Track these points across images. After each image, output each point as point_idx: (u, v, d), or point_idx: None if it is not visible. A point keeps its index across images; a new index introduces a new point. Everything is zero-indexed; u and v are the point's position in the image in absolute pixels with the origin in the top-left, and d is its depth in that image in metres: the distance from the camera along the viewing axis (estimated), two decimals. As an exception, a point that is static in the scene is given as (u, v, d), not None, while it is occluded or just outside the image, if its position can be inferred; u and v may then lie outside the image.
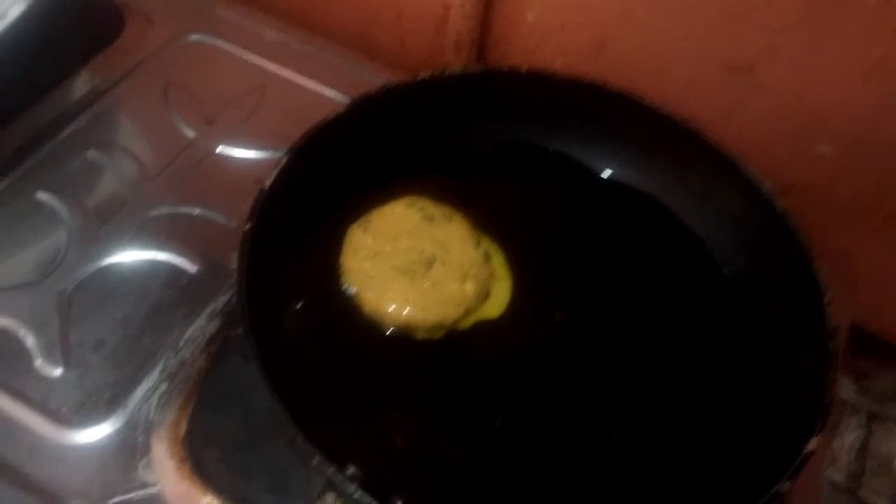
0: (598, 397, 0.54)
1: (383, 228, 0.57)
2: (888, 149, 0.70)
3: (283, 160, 0.54)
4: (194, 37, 0.78)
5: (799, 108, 0.71)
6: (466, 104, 0.62)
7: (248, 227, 0.50)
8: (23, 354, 0.56)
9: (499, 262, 0.58)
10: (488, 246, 0.58)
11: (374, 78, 0.78)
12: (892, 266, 0.78)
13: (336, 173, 0.58)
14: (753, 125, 0.73)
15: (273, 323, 0.51)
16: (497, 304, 0.56)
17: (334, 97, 0.76)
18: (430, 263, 0.55)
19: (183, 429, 0.54)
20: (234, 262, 0.62)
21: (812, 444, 0.46)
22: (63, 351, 0.57)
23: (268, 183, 0.53)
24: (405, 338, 0.54)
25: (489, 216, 0.60)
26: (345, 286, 0.55)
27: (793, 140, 0.73)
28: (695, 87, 0.71)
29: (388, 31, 0.87)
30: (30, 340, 0.57)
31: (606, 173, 0.64)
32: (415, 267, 0.55)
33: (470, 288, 0.55)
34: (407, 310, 0.53)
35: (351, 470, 0.43)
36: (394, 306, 0.53)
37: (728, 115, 0.72)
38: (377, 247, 0.56)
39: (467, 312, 0.55)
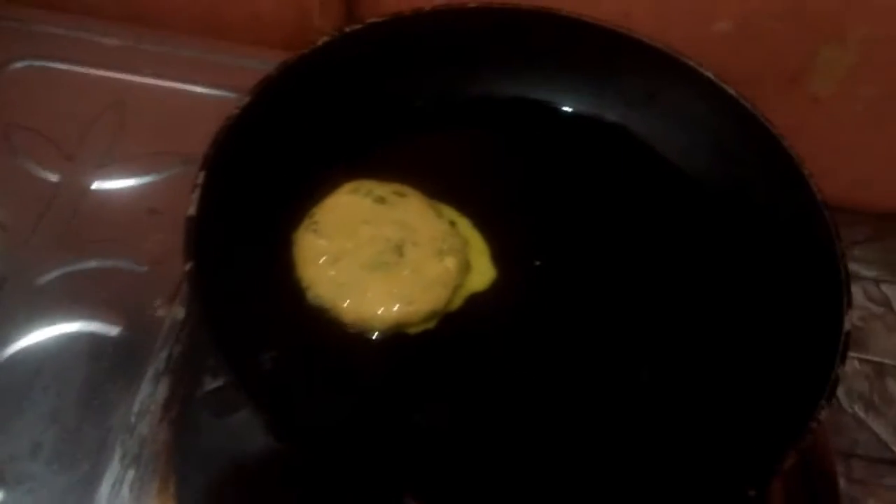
0: (617, 340, 0.50)
1: (335, 224, 0.49)
2: (784, 14, 0.69)
3: (201, 178, 0.45)
4: (19, 64, 0.65)
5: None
6: (379, 63, 0.55)
7: (188, 266, 0.42)
8: (-56, 493, 0.45)
9: (466, 228, 0.52)
10: (450, 213, 0.52)
11: (240, 62, 0.70)
12: (806, 124, 0.79)
13: (258, 178, 0.50)
14: (652, 13, 0.70)
15: (251, 365, 0.44)
16: (480, 273, 0.50)
17: (204, 93, 0.67)
18: (400, 249, 0.49)
19: (172, 515, 0.46)
20: (160, 310, 0.54)
21: (847, 323, 0.45)
22: (-6, 472, 0.46)
23: (192, 209, 0.44)
24: (398, 336, 0.48)
25: (438, 182, 0.53)
26: (313, 300, 0.48)
27: (690, 22, 0.71)
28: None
29: (238, 7, 0.77)
30: (-53, 474, 0.46)
31: (541, 102, 0.59)
32: (386, 257, 0.48)
33: (451, 262, 0.49)
34: (396, 307, 0.47)
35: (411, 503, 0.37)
36: (381, 308, 0.47)
37: (627, 6, 0.69)
38: (336, 248, 0.48)
39: (455, 291, 0.49)
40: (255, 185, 0.49)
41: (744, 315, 0.50)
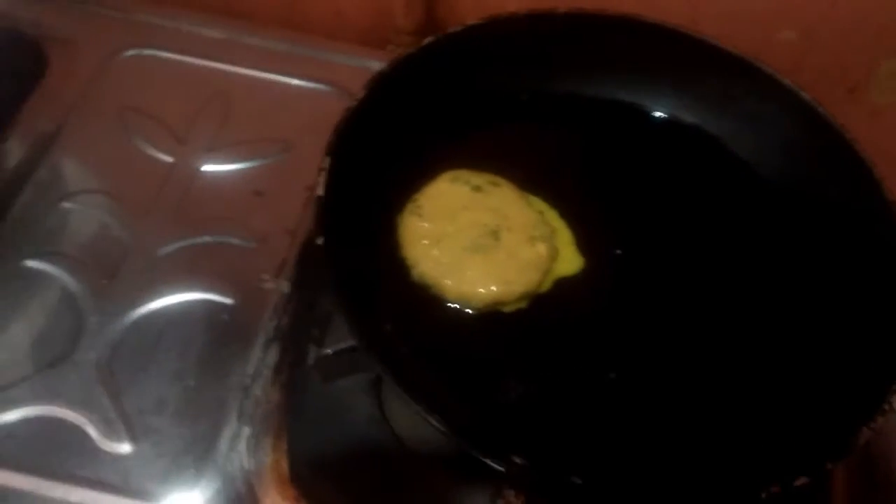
0: (696, 324, 0.54)
1: (436, 209, 0.54)
2: (847, 26, 0.73)
3: (327, 163, 0.50)
4: (129, 53, 0.70)
5: (761, -1, 0.73)
6: (474, 62, 0.59)
7: (320, 241, 0.46)
8: (84, 439, 0.50)
9: (553, 218, 0.56)
10: (538, 204, 0.57)
11: (328, 57, 0.74)
12: (861, 134, 0.82)
13: (369, 164, 0.54)
14: (718, 20, 0.73)
15: (374, 333, 0.48)
16: (568, 259, 0.55)
17: (297, 84, 0.71)
18: (496, 234, 0.53)
19: (285, 467, 0.51)
20: (267, 284, 0.59)
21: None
22: (125, 422, 0.51)
23: (320, 190, 0.49)
24: (494, 313, 0.52)
25: (527, 174, 0.58)
26: (418, 277, 0.52)
27: (755, 29, 0.75)
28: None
29: (322, 4, 0.81)
30: (85, 422, 0.51)
31: (623, 103, 0.63)
32: (483, 241, 0.53)
33: (542, 248, 0.53)
34: (494, 287, 0.51)
35: (518, 461, 0.42)
36: (480, 287, 0.51)
37: (694, 12, 0.72)
38: (438, 230, 0.53)
39: (545, 274, 0.53)
40: (366, 171, 0.54)
41: (819, 306, 0.54)
